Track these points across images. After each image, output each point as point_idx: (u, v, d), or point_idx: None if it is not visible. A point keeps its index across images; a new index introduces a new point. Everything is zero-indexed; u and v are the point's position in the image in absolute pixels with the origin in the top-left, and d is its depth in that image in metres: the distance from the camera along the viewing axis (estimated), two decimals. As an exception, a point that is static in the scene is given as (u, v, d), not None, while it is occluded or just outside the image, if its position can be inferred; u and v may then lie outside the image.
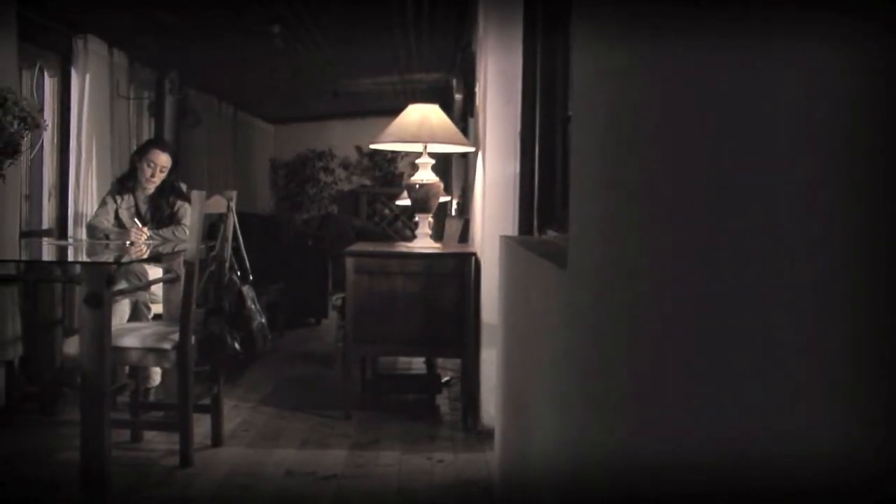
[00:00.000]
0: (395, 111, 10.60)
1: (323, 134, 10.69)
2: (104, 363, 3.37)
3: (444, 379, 5.05)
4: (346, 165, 10.82)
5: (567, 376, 1.75)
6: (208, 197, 3.72)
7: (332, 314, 7.59)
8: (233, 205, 3.86)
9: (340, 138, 10.71)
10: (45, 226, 5.30)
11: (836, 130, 0.67)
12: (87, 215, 5.25)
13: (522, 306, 2.54)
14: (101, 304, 3.35)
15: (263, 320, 3.82)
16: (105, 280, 3.36)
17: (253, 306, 3.78)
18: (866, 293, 0.68)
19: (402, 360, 5.88)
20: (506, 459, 2.98)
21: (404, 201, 7.14)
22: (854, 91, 0.64)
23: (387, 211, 10.75)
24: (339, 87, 8.34)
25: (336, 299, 5.34)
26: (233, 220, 3.85)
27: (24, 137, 3.89)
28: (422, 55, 7.02)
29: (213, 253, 3.79)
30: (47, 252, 4.43)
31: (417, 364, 5.82)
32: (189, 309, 3.61)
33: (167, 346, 3.62)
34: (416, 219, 6.75)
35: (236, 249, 3.88)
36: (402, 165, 10.74)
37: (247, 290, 3.78)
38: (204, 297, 3.85)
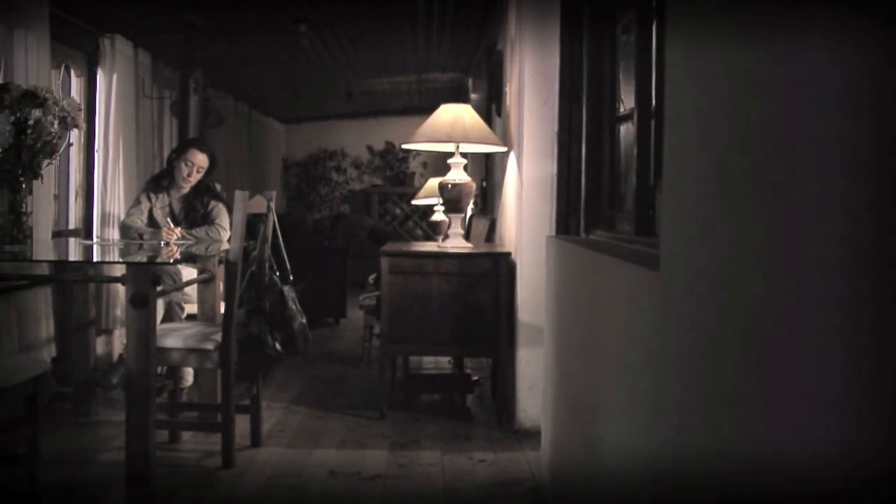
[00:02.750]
0: (408, 111, 10.66)
1: (334, 133, 10.69)
2: (150, 363, 3.36)
3: (474, 378, 5.05)
4: (357, 165, 10.82)
5: (661, 377, 1.75)
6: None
7: (353, 314, 7.59)
8: (272, 205, 3.85)
9: (352, 138, 10.72)
10: (72, 225, 5.29)
11: None
12: (114, 215, 5.24)
13: (587, 307, 2.53)
14: (146, 305, 3.34)
15: (304, 320, 3.82)
16: (150, 280, 3.36)
17: (294, 307, 3.78)
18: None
19: (427, 359, 5.88)
20: (559, 460, 2.98)
21: (420, 201, 7.13)
22: None
23: (398, 210, 10.76)
24: (355, 86, 8.33)
25: (364, 299, 5.34)
26: (273, 220, 3.84)
27: (61, 137, 3.87)
28: (441, 55, 7.02)
29: (254, 253, 3.79)
30: (75, 252, 4.41)
31: (441, 363, 5.82)
32: (232, 309, 3.61)
33: (210, 346, 3.61)
34: (434, 217, 6.76)
35: (276, 249, 3.87)
36: (413, 165, 10.74)
37: (287, 291, 3.78)
38: (243, 297, 3.84)
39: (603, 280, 2.34)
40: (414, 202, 7.56)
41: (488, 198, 6.45)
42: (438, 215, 6.65)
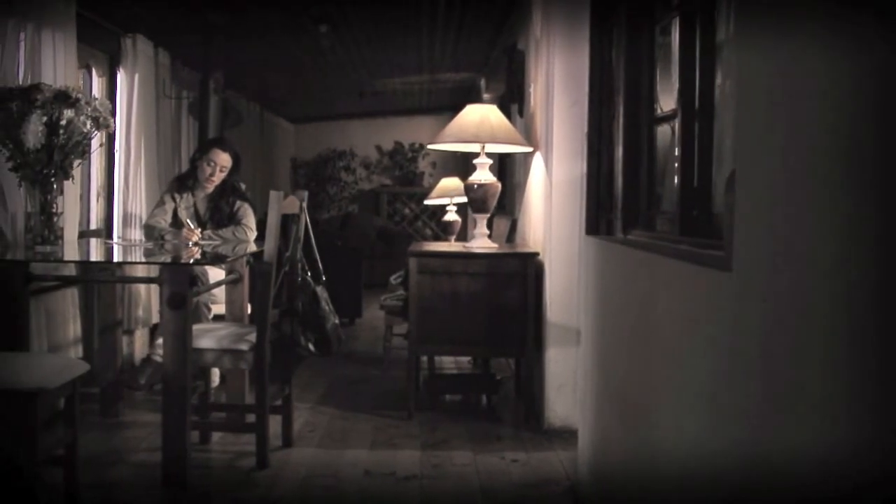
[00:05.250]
0: (416, 111, 10.62)
1: (343, 133, 10.70)
2: (186, 364, 3.36)
3: (498, 378, 5.05)
4: (366, 165, 10.84)
5: (735, 377, 1.75)
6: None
7: (367, 314, 7.58)
8: (305, 205, 3.85)
9: (361, 137, 10.73)
10: (93, 226, 5.28)
11: None
12: (136, 215, 5.23)
13: (638, 308, 2.53)
14: (183, 305, 3.34)
15: (337, 321, 3.82)
16: (188, 281, 3.35)
17: (327, 307, 3.78)
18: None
19: (446, 359, 5.87)
20: (603, 460, 2.98)
21: (433, 201, 7.13)
22: None
23: (407, 210, 10.76)
24: (368, 86, 8.33)
25: (386, 299, 5.33)
26: (305, 220, 3.84)
27: (93, 138, 3.87)
28: (456, 55, 7.02)
29: (287, 254, 3.78)
30: (105, 253, 4.40)
31: (461, 363, 5.83)
32: (266, 310, 3.61)
33: (244, 347, 3.61)
34: (446, 217, 6.75)
35: (307, 250, 3.87)
36: (422, 165, 10.75)
37: (320, 291, 3.78)
38: (276, 297, 3.83)
39: (659, 281, 2.34)
40: (426, 202, 7.55)
41: (507, 198, 6.45)
42: (451, 215, 6.66)
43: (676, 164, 2.75)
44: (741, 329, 1.73)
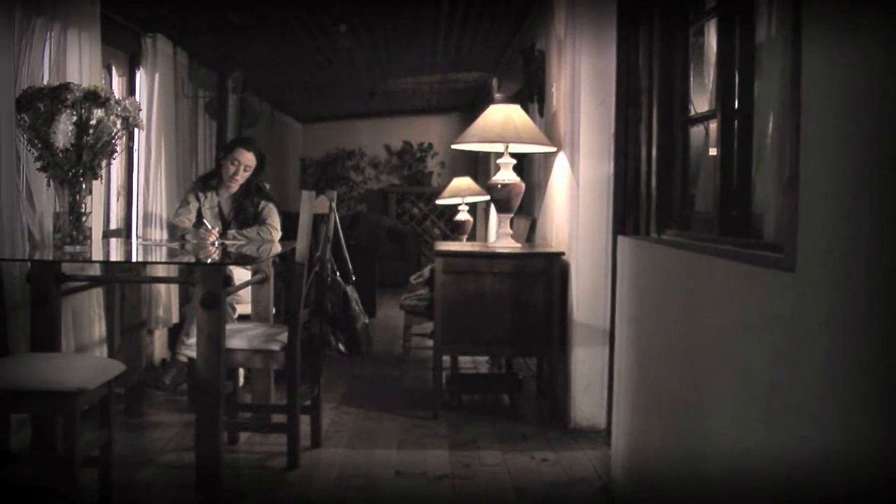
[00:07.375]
0: (425, 111, 10.59)
1: (352, 133, 10.71)
2: (219, 364, 3.36)
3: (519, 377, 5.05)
4: (375, 164, 10.84)
5: (799, 378, 1.75)
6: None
7: (381, 313, 7.59)
8: (334, 205, 3.85)
9: (369, 137, 10.73)
10: (113, 226, 5.27)
11: None
12: (156, 215, 5.23)
13: (683, 308, 2.54)
14: (217, 305, 3.34)
15: (367, 321, 3.82)
16: (222, 281, 3.35)
17: (357, 307, 3.78)
18: None
19: (464, 359, 5.87)
20: (641, 459, 2.99)
21: (444, 200, 7.14)
22: None
23: (416, 210, 10.77)
24: (379, 86, 8.33)
25: (405, 299, 5.33)
26: (334, 219, 3.84)
27: (122, 137, 3.87)
28: (472, 55, 7.02)
29: (317, 254, 3.78)
30: (124, 252, 4.40)
31: (479, 363, 5.84)
32: (298, 310, 3.61)
33: (275, 347, 3.61)
34: (458, 217, 6.75)
35: (336, 249, 3.87)
36: (431, 164, 10.76)
37: (350, 291, 3.78)
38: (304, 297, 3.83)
39: (706, 281, 2.34)
40: (438, 202, 7.56)
41: (525, 198, 6.45)
42: (462, 215, 6.67)
43: (714, 165, 2.76)
44: (803, 331, 1.73)
